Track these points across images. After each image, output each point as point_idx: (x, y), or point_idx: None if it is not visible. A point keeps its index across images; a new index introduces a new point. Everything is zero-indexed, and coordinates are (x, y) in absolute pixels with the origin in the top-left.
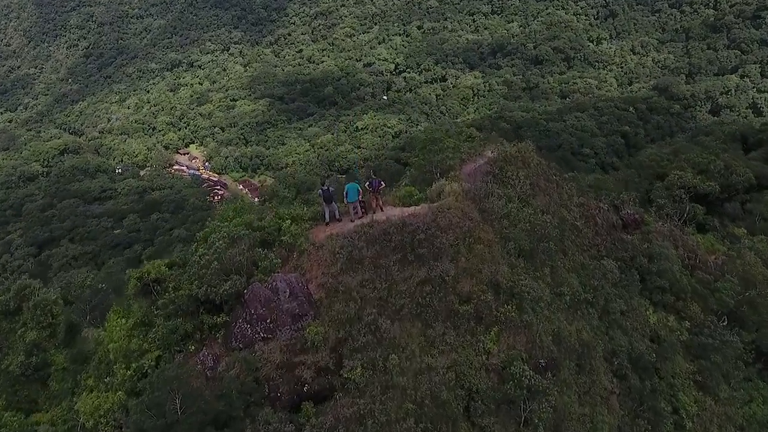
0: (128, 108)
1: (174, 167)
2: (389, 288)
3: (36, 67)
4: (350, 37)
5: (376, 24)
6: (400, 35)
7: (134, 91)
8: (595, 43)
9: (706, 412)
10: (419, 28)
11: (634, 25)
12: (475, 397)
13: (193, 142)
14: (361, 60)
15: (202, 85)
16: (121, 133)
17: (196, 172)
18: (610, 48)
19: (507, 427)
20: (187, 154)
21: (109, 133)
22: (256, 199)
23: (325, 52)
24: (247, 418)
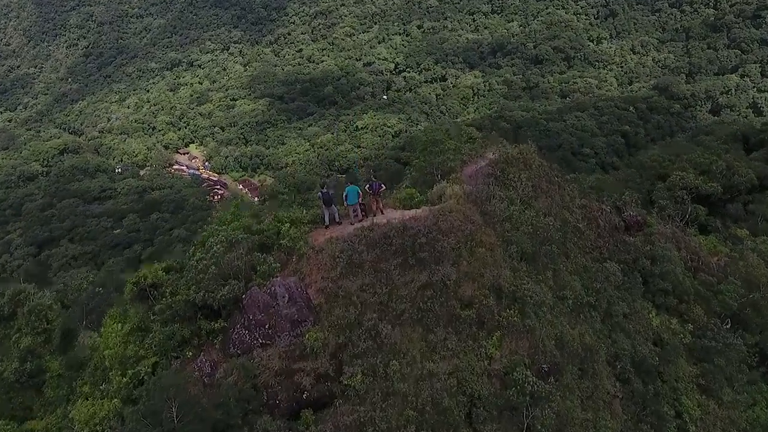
0: (128, 107)
1: (174, 167)
2: (390, 292)
3: (36, 67)
4: (350, 36)
5: (376, 23)
6: (400, 35)
7: (134, 90)
8: (595, 43)
9: (710, 416)
10: (419, 27)
11: (634, 24)
12: (477, 403)
13: (193, 142)
14: (360, 59)
15: (201, 84)
16: (121, 133)
17: (196, 172)
18: (610, 47)
19: None
20: (187, 153)
21: (108, 132)
22: (256, 199)
23: (324, 51)
24: (246, 426)
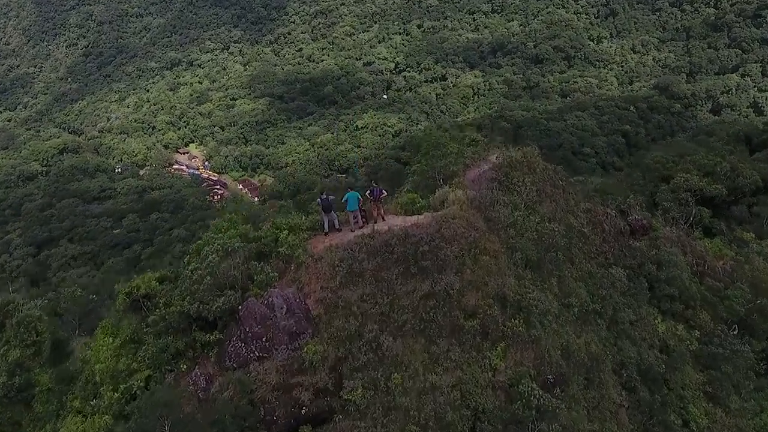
0: (128, 107)
1: (173, 166)
2: (391, 303)
3: (35, 66)
4: (350, 36)
5: (376, 23)
6: (400, 34)
7: (134, 90)
8: (596, 42)
9: (717, 424)
10: (419, 26)
11: (635, 23)
12: (482, 417)
13: (193, 142)
14: (360, 59)
15: (201, 84)
16: (121, 133)
17: (196, 172)
18: (611, 47)
19: None
20: (187, 153)
21: (108, 132)
22: (256, 199)
23: (324, 51)
24: None
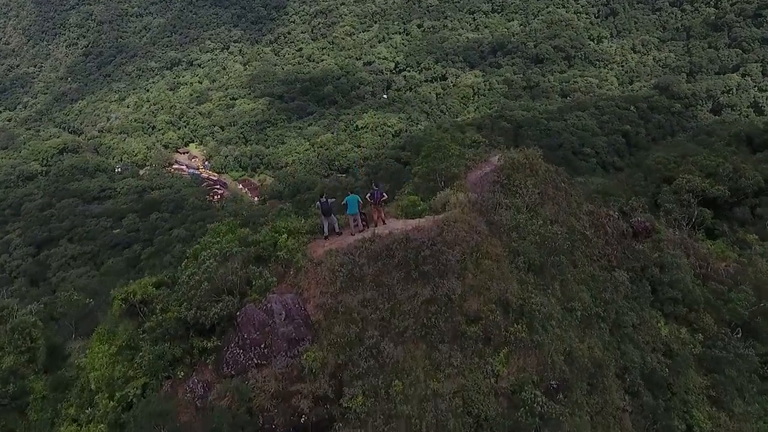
0: (128, 107)
1: (173, 166)
2: (392, 308)
3: (35, 66)
4: (350, 35)
5: (376, 22)
6: (400, 34)
7: (134, 89)
8: (596, 42)
9: (721, 429)
10: (419, 26)
11: (635, 23)
12: (484, 424)
13: (193, 141)
14: (361, 59)
15: (201, 83)
16: (121, 132)
17: (196, 171)
18: (611, 47)
19: None
20: (187, 153)
21: (108, 132)
22: (256, 199)
23: (324, 50)
24: None
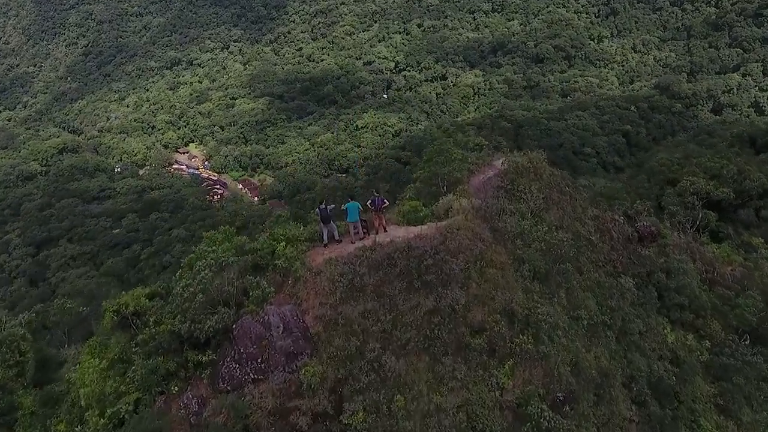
0: (127, 106)
1: (173, 166)
2: (394, 319)
3: (35, 66)
4: (350, 35)
5: (376, 22)
6: (400, 33)
7: (133, 89)
8: (596, 42)
9: None
10: (419, 26)
11: (636, 23)
12: None
13: (193, 141)
14: (361, 58)
15: (201, 83)
16: (121, 132)
17: (196, 171)
18: (612, 46)
19: None
20: (187, 153)
21: (108, 131)
22: (256, 199)
23: (324, 50)
24: None
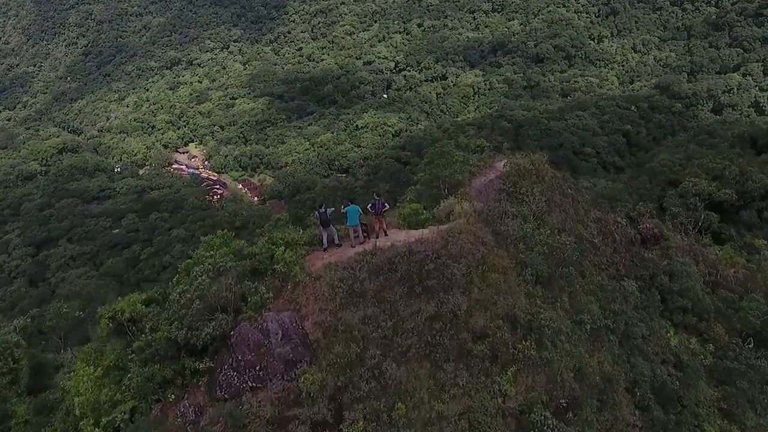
0: (127, 106)
1: (173, 166)
2: (395, 325)
3: (35, 65)
4: (350, 35)
5: (376, 22)
6: (401, 33)
7: (133, 89)
8: (597, 41)
9: None
10: (419, 26)
11: (636, 22)
12: None
13: (193, 141)
14: (361, 58)
15: (201, 83)
16: (120, 132)
17: (196, 171)
18: (612, 46)
19: None
20: (187, 152)
21: (108, 131)
22: (256, 199)
23: (324, 50)
24: None
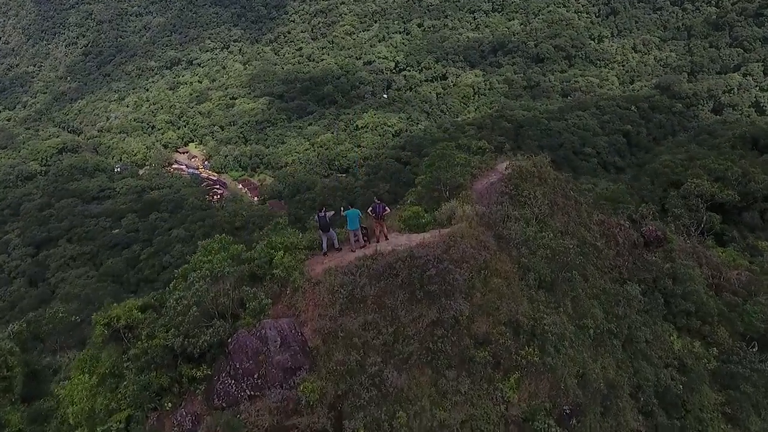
0: (127, 106)
1: (173, 166)
2: (396, 332)
3: (35, 65)
4: (350, 35)
5: (376, 22)
6: (401, 33)
7: (133, 89)
8: (597, 41)
9: None
10: (419, 25)
11: (636, 22)
12: None
13: (193, 141)
14: (361, 58)
15: (201, 83)
16: (120, 132)
17: (195, 171)
18: (612, 46)
19: None
20: (187, 152)
21: (108, 131)
22: (256, 199)
23: (324, 50)
24: None
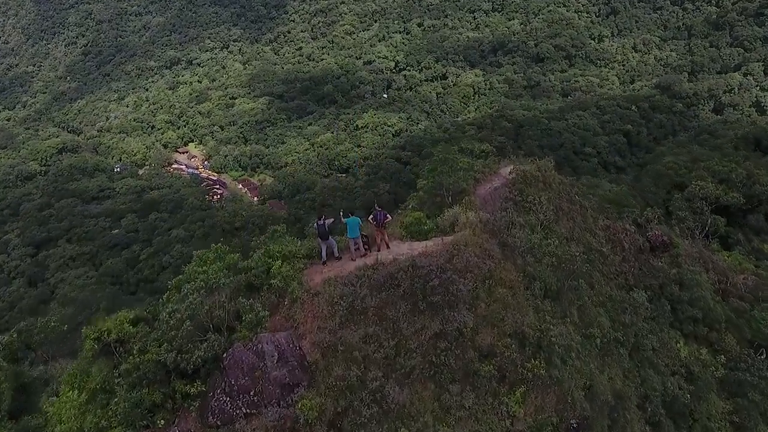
0: (127, 106)
1: (173, 166)
2: (397, 345)
3: (34, 65)
4: (350, 34)
5: (376, 21)
6: (401, 33)
7: (133, 89)
8: (597, 41)
9: None
10: (419, 25)
11: (636, 22)
12: None
13: (192, 141)
14: (361, 58)
15: (201, 83)
16: (120, 132)
17: (195, 171)
18: (612, 46)
19: None
20: (186, 152)
21: (107, 131)
22: (256, 199)
23: (324, 49)
24: None
